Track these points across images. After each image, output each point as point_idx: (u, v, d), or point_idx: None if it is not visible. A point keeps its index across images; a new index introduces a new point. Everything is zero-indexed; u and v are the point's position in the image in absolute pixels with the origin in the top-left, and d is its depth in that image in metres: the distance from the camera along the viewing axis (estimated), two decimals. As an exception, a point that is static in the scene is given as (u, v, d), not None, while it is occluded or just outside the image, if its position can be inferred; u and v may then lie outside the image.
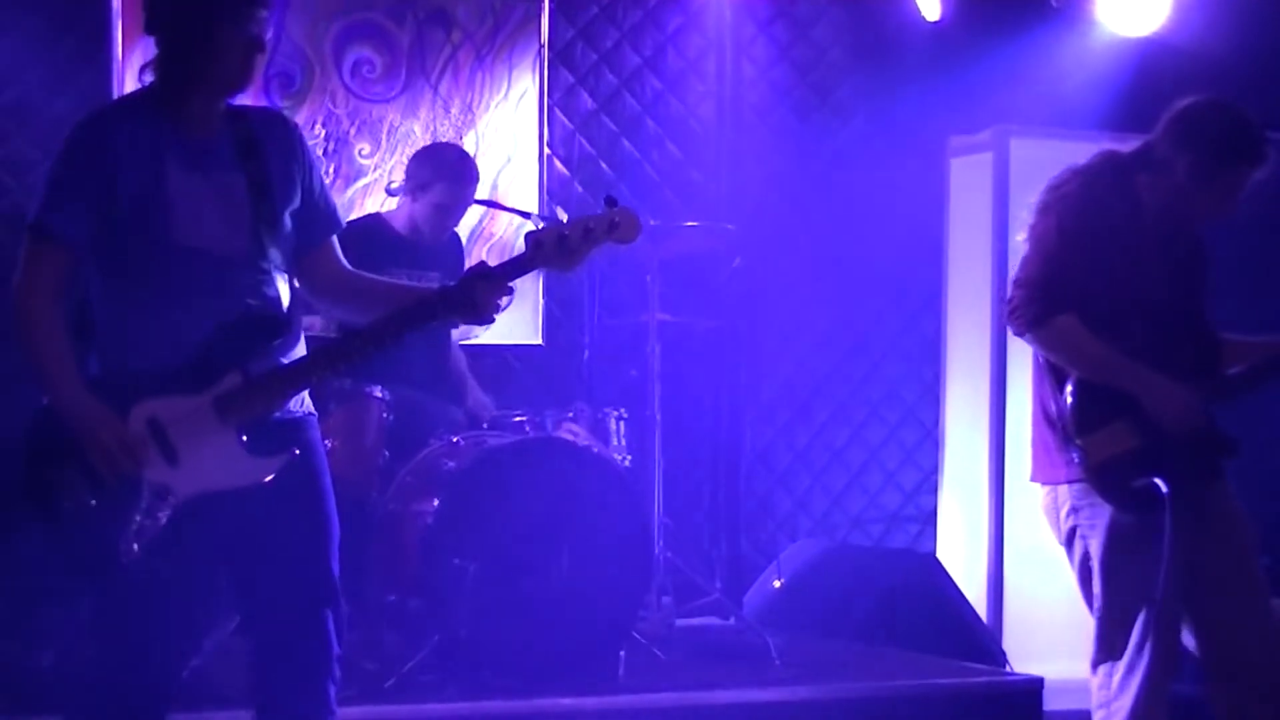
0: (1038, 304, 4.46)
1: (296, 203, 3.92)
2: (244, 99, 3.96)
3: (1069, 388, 4.46)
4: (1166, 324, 4.56)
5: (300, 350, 3.92)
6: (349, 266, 4.06)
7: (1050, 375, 4.56)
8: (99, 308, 3.83)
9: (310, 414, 3.97)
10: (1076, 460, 4.44)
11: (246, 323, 3.80)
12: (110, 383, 3.74)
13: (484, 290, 3.84)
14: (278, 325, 3.85)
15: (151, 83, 3.83)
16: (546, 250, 3.83)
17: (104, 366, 3.79)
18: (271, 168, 3.86)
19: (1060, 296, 4.45)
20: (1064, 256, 4.48)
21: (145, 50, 3.87)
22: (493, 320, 3.93)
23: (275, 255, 3.85)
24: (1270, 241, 7.62)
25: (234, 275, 3.81)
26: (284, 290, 3.89)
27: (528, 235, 3.86)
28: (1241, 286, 7.14)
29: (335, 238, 4.04)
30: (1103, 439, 4.44)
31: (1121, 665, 4.49)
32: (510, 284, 3.89)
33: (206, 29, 3.74)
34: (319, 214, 3.99)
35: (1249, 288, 7.12)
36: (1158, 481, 4.39)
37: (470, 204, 6.52)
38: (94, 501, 3.68)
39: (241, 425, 3.75)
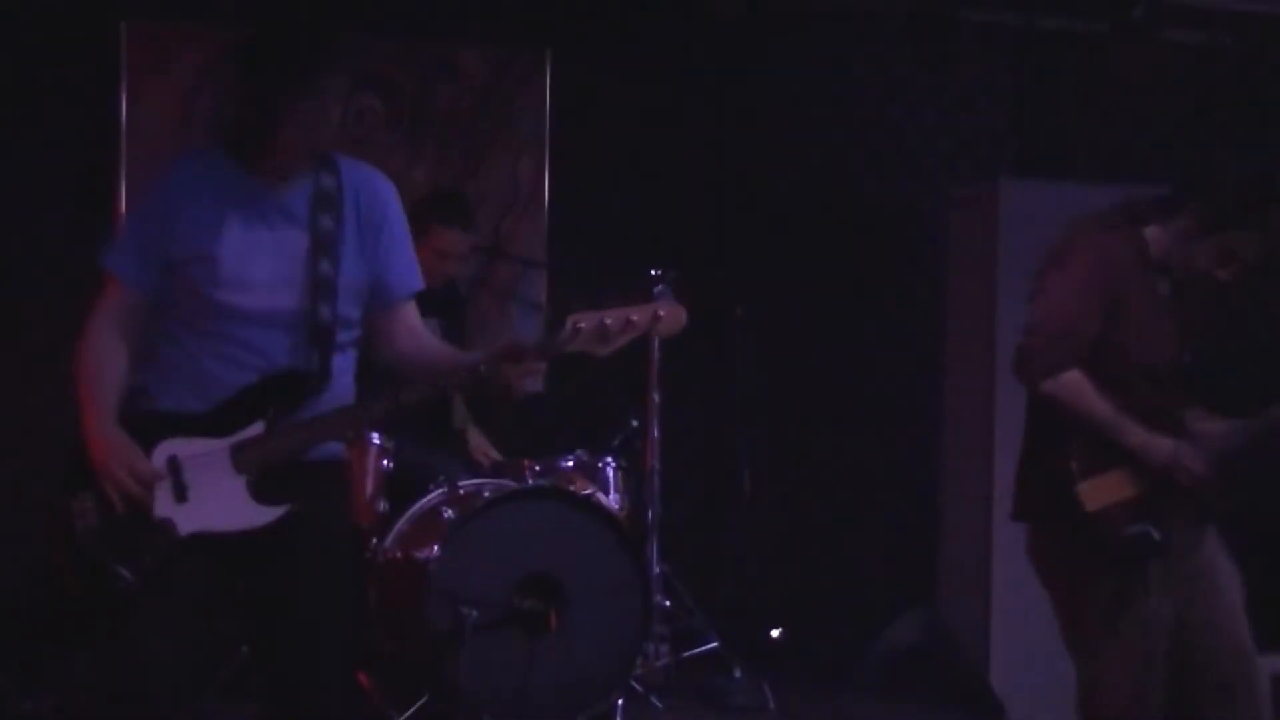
0: (1048, 356, 4.37)
1: (370, 263, 3.92)
2: None
3: (1068, 433, 4.43)
4: (1167, 384, 4.51)
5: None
6: (422, 331, 4.06)
7: (1047, 418, 4.50)
8: (143, 344, 3.90)
9: (333, 459, 3.97)
10: (1074, 505, 4.40)
11: (280, 378, 3.82)
12: (141, 418, 3.80)
13: (517, 371, 3.80)
14: (311, 383, 3.85)
15: (230, 131, 3.86)
16: (584, 336, 3.77)
17: (136, 403, 3.85)
18: (346, 227, 3.88)
19: (1072, 350, 4.37)
20: (1078, 309, 4.40)
21: (152, 92, 3.88)
22: (517, 398, 3.92)
23: (326, 315, 3.84)
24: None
25: (273, 333, 3.82)
26: (331, 351, 3.88)
27: (568, 319, 3.77)
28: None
29: (413, 301, 4.04)
30: (1101, 485, 4.40)
31: (1110, 715, 4.47)
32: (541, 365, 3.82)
33: (276, 95, 3.74)
34: (396, 276, 3.99)
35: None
36: (1151, 530, 4.36)
37: (468, 249, 6.52)
38: (101, 527, 3.73)
39: (253, 472, 3.78)
